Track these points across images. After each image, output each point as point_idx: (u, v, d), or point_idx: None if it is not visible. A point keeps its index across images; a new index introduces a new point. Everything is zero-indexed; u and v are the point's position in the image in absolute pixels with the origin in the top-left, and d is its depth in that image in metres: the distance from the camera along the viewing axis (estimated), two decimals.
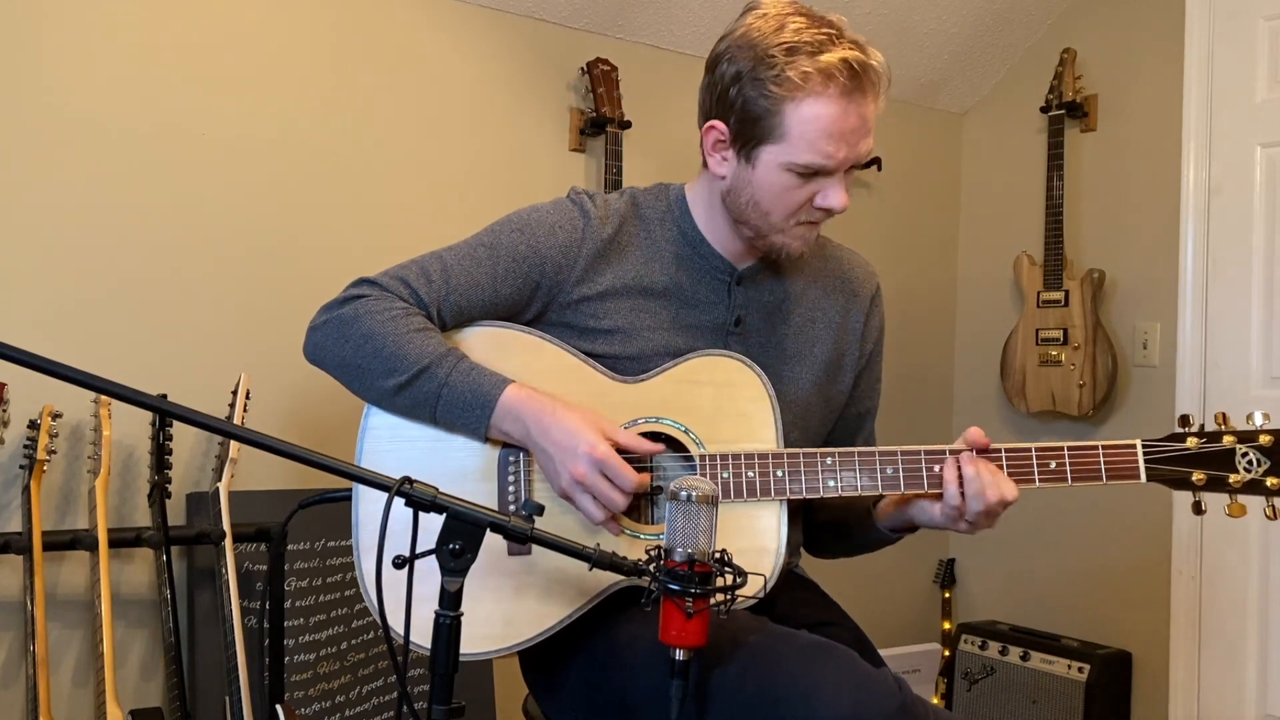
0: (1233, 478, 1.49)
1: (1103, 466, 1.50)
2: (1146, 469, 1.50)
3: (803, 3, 1.53)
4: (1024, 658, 3.38)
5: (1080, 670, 3.27)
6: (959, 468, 1.48)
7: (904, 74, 3.68)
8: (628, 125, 3.08)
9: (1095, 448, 1.50)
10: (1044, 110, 3.56)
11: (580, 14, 3.09)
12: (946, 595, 3.81)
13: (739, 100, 1.49)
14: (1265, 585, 3.07)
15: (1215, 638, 3.17)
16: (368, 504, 1.55)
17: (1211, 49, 3.20)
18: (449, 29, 2.92)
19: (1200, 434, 1.50)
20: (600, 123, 3.06)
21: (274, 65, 2.67)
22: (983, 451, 1.51)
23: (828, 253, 1.75)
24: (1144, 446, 1.51)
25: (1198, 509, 1.53)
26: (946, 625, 3.76)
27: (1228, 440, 1.49)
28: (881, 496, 1.61)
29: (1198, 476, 1.50)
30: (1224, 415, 1.51)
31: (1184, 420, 1.53)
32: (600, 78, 3.06)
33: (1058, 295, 3.47)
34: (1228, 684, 3.14)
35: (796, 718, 1.31)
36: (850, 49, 1.46)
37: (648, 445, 1.49)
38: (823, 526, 1.77)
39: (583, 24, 3.12)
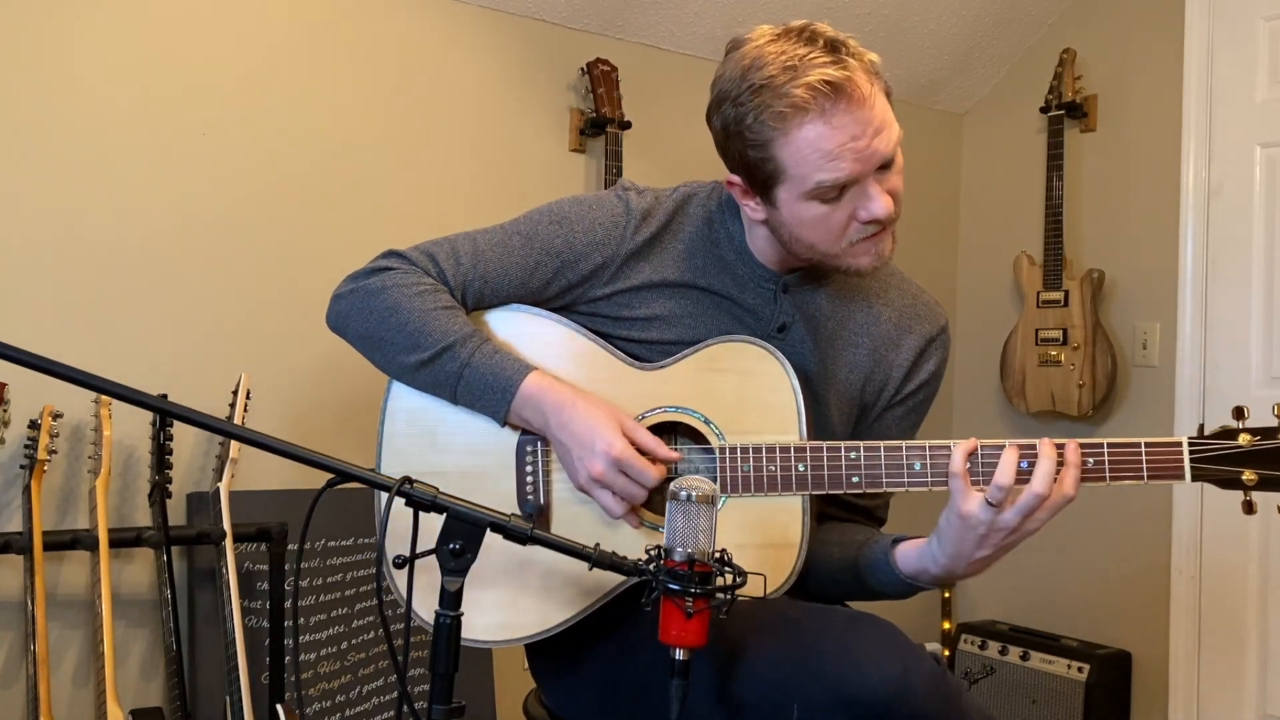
0: None
1: (1145, 465, 1.39)
2: (1192, 469, 1.39)
3: (785, 23, 1.46)
4: (1024, 658, 3.38)
5: (1080, 670, 3.27)
6: (1018, 456, 1.38)
7: (904, 74, 3.68)
8: (628, 125, 3.09)
9: (1138, 444, 1.40)
10: (1044, 110, 3.56)
11: (580, 14, 3.09)
12: (946, 595, 3.81)
13: (735, 154, 1.47)
14: (1265, 585, 3.07)
15: (1215, 638, 3.17)
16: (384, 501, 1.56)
17: (1211, 49, 3.21)
18: (449, 29, 2.92)
19: (1255, 430, 1.38)
20: (600, 123, 3.06)
21: (274, 66, 2.67)
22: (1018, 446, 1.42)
23: (894, 283, 1.66)
24: (1190, 445, 1.39)
25: (1249, 509, 1.40)
26: (946, 625, 3.76)
27: None
28: (898, 541, 1.51)
29: (1249, 476, 1.38)
30: None
31: (1238, 412, 1.40)
32: (600, 78, 3.06)
33: (1057, 295, 3.47)
34: (1228, 684, 3.14)
35: (845, 685, 1.30)
36: (821, 67, 1.37)
37: (667, 451, 1.47)
38: (824, 568, 1.61)
39: (583, 24, 3.12)
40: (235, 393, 2.38)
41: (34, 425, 2.25)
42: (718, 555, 1.25)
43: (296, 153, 2.70)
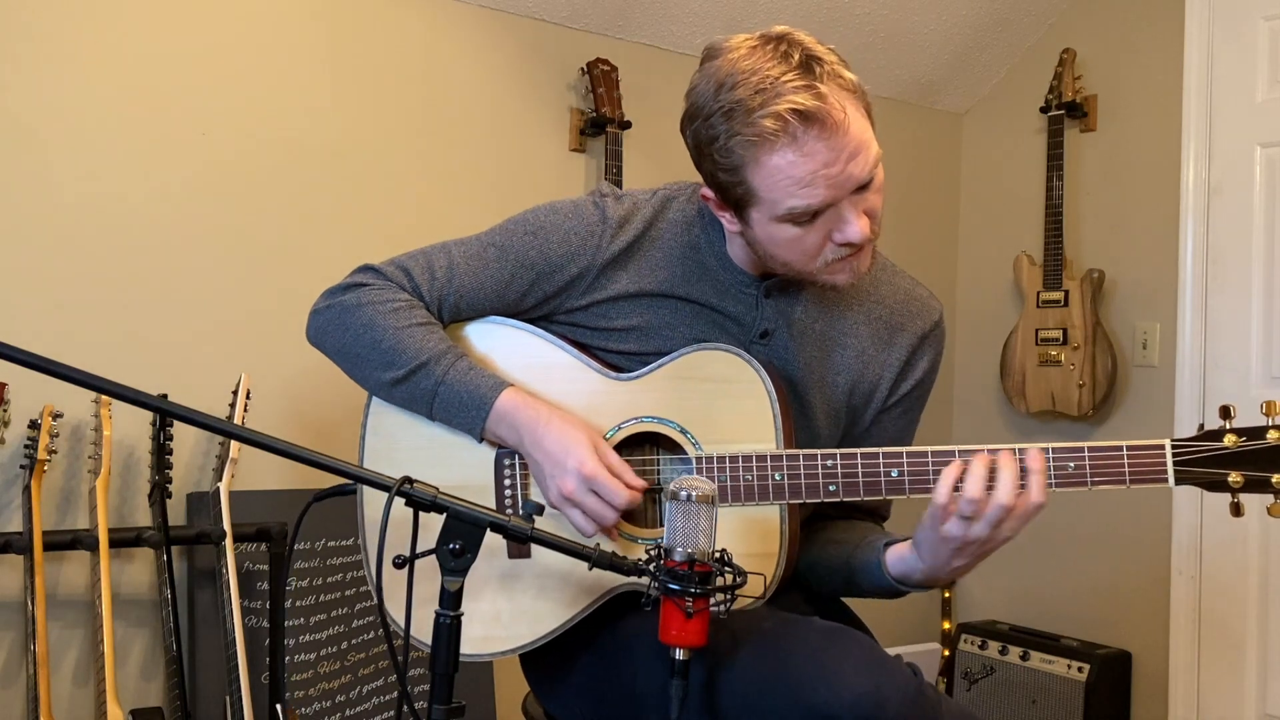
0: (1275, 477, 1.33)
1: (1127, 469, 1.36)
2: (1175, 472, 1.35)
3: (764, 31, 1.41)
4: (1024, 658, 3.38)
5: (1080, 670, 3.27)
6: (963, 467, 1.37)
7: (904, 74, 3.68)
8: (628, 125, 3.09)
9: (1119, 448, 1.36)
10: (1044, 110, 3.56)
11: (580, 14, 3.09)
12: (946, 595, 3.81)
13: (707, 172, 1.44)
14: (1265, 585, 3.07)
15: (1215, 638, 3.17)
16: (372, 506, 1.56)
17: (1211, 49, 3.20)
18: (449, 29, 2.92)
19: (1241, 430, 1.34)
20: (600, 123, 3.06)
21: (274, 66, 2.67)
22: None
23: (884, 278, 1.63)
24: (1173, 447, 1.35)
25: (1236, 511, 1.37)
26: (946, 625, 3.76)
27: (1272, 436, 1.33)
28: (890, 544, 1.51)
29: (1234, 478, 1.34)
30: (1273, 405, 1.34)
31: (1225, 412, 1.36)
32: (600, 78, 3.06)
33: (1057, 295, 3.47)
34: (1228, 684, 3.14)
35: (817, 699, 1.29)
36: (792, 93, 1.32)
37: (633, 479, 1.45)
38: (823, 565, 1.61)
39: (583, 24, 3.12)
40: (235, 393, 2.39)
41: (34, 425, 2.25)
42: (717, 555, 1.26)
43: (296, 152, 2.70)
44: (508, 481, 1.53)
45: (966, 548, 1.38)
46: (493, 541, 1.26)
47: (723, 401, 1.49)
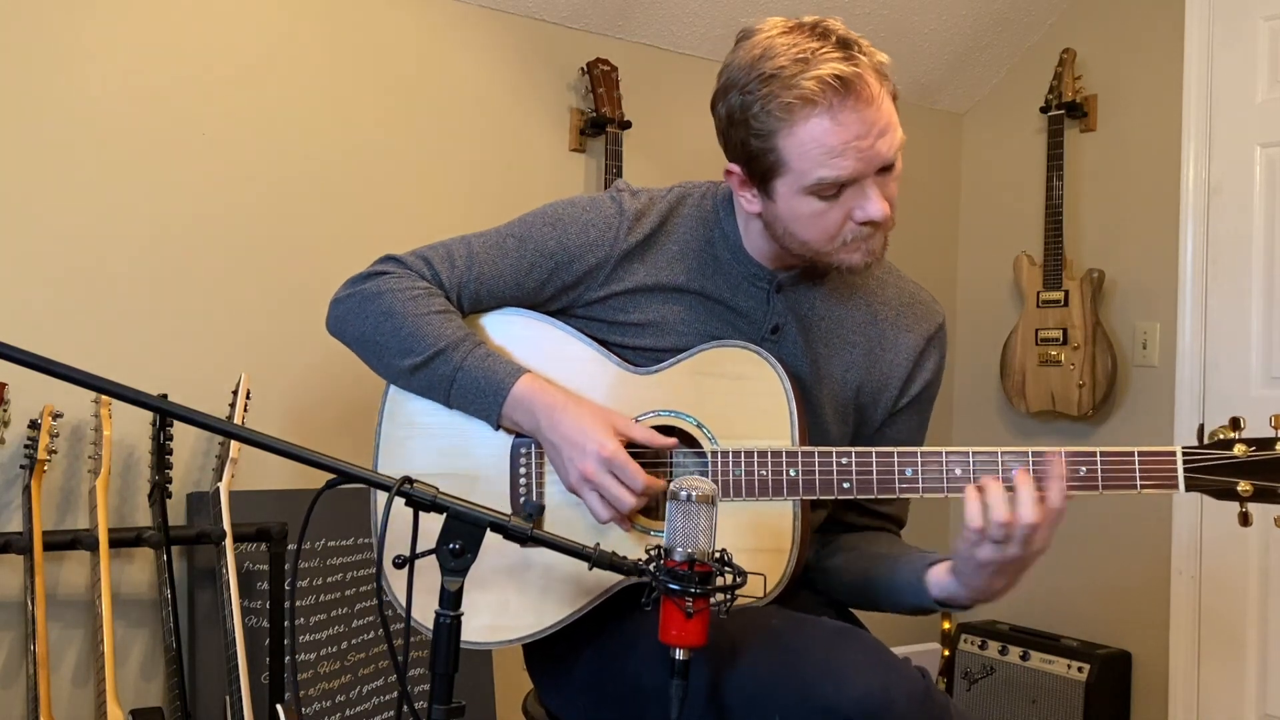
0: None
1: (1138, 474, 1.38)
2: (1186, 478, 1.37)
3: (796, 17, 1.45)
4: (1024, 657, 3.38)
5: (1080, 670, 3.27)
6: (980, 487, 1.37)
7: (904, 74, 3.68)
8: (628, 125, 3.09)
9: (1131, 454, 1.39)
10: (1044, 110, 3.56)
11: (580, 14, 3.09)
12: None
13: (737, 143, 1.46)
14: (1265, 585, 3.07)
15: (1215, 638, 3.17)
16: (381, 503, 1.56)
17: (1211, 49, 3.20)
18: (449, 29, 2.92)
19: (1251, 441, 1.36)
20: (600, 123, 3.06)
21: (273, 65, 2.67)
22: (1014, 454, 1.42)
23: (890, 280, 1.66)
24: (1184, 454, 1.38)
25: (1244, 520, 1.39)
26: (946, 625, 3.76)
27: None
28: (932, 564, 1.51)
29: (1244, 487, 1.36)
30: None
31: (1235, 423, 1.39)
32: (600, 78, 3.06)
33: (1057, 295, 3.47)
34: (1228, 684, 3.14)
35: (825, 699, 1.30)
36: (832, 61, 1.37)
37: (661, 440, 1.47)
38: (843, 572, 1.63)
39: (583, 24, 3.12)
40: (235, 393, 2.39)
41: (34, 425, 2.25)
42: (718, 555, 1.26)
43: (296, 152, 2.70)
44: (523, 470, 1.54)
45: (1006, 568, 1.40)
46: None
47: (740, 398, 1.50)
